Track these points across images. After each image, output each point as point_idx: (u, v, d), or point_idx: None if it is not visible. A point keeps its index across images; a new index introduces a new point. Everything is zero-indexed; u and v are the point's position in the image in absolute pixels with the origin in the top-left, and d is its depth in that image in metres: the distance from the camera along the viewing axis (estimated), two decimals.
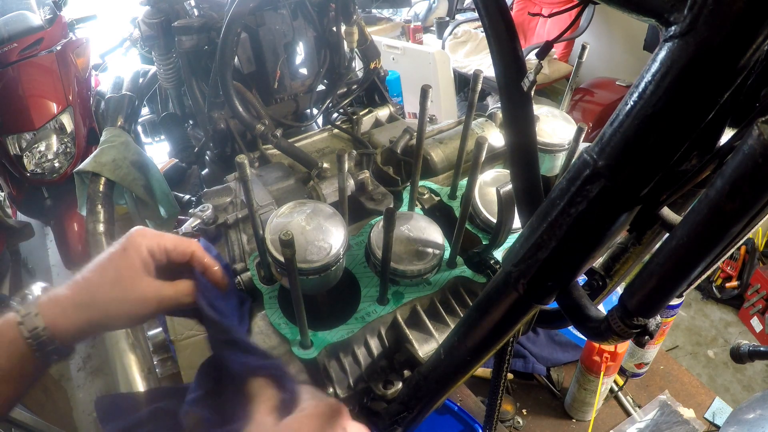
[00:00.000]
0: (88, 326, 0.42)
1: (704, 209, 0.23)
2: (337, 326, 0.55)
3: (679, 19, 0.21)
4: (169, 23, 1.10)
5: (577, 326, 0.34)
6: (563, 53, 2.97)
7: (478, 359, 0.44)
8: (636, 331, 0.30)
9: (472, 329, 0.42)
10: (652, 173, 0.26)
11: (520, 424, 0.99)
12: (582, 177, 0.28)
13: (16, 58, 1.83)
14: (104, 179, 1.05)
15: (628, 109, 0.24)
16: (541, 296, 0.34)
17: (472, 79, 0.58)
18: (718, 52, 0.21)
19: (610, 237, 0.30)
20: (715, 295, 2.18)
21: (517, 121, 0.37)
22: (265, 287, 0.58)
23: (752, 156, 0.20)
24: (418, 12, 3.54)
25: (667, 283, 0.27)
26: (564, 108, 0.75)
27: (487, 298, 0.39)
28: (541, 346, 1.12)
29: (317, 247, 0.50)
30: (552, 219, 0.30)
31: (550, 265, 0.32)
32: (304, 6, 1.09)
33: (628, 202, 0.27)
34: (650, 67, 0.23)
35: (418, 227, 0.60)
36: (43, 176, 1.83)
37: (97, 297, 0.42)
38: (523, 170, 0.39)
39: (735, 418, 0.70)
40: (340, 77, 1.18)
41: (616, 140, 0.26)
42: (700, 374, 1.91)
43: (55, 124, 1.85)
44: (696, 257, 0.25)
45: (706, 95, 0.22)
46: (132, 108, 1.23)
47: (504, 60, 0.36)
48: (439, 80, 2.33)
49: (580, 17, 0.63)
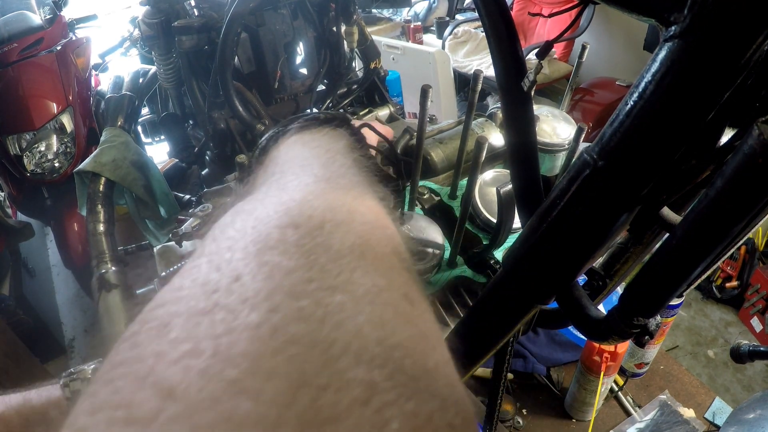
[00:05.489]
0: None
1: (704, 209, 0.23)
2: None
3: (679, 19, 0.21)
4: (169, 23, 1.10)
5: (577, 326, 0.34)
6: (563, 53, 2.97)
7: (478, 359, 0.44)
8: (636, 331, 0.30)
9: (471, 329, 0.42)
10: (652, 173, 0.26)
11: (520, 424, 0.99)
12: (582, 177, 0.28)
13: (16, 58, 1.83)
14: (104, 179, 1.05)
15: (628, 109, 0.24)
16: (541, 296, 0.34)
17: (472, 79, 0.58)
18: (718, 52, 0.21)
19: (610, 237, 0.30)
20: (715, 295, 2.18)
21: (517, 121, 0.37)
22: None
23: (752, 156, 0.20)
24: (418, 12, 3.54)
25: (667, 283, 0.27)
26: (564, 108, 0.75)
27: (488, 298, 0.39)
28: (541, 346, 1.12)
29: None
30: (552, 219, 0.30)
31: (550, 265, 0.32)
32: (304, 6, 1.09)
33: (628, 202, 0.27)
34: (650, 67, 0.23)
35: (418, 227, 0.60)
36: (43, 176, 1.83)
37: None
38: (523, 170, 0.39)
39: (735, 418, 0.70)
40: (340, 77, 1.18)
41: (616, 140, 0.25)
42: (700, 374, 1.91)
43: (55, 124, 1.85)
44: (696, 257, 0.25)
45: (706, 95, 0.22)
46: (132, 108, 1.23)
47: (504, 60, 0.36)
48: (439, 80, 2.33)
49: (580, 17, 0.63)
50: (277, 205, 0.21)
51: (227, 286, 0.16)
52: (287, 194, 0.23)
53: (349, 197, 0.24)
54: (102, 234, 1.01)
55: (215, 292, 0.16)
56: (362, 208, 0.23)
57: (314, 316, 0.15)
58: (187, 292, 0.16)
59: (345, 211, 0.22)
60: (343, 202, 0.23)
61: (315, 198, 0.22)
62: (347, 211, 0.22)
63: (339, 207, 0.22)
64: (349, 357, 0.14)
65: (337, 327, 0.15)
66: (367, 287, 0.17)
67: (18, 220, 2.14)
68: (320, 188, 0.24)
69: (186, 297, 0.16)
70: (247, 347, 0.14)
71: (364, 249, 0.20)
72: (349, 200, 0.23)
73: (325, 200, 0.22)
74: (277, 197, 0.22)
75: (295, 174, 0.27)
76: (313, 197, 0.22)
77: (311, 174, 0.27)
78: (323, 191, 0.24)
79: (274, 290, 0.16)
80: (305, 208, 0.21)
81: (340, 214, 0.21)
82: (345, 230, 0.20)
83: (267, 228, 0.19)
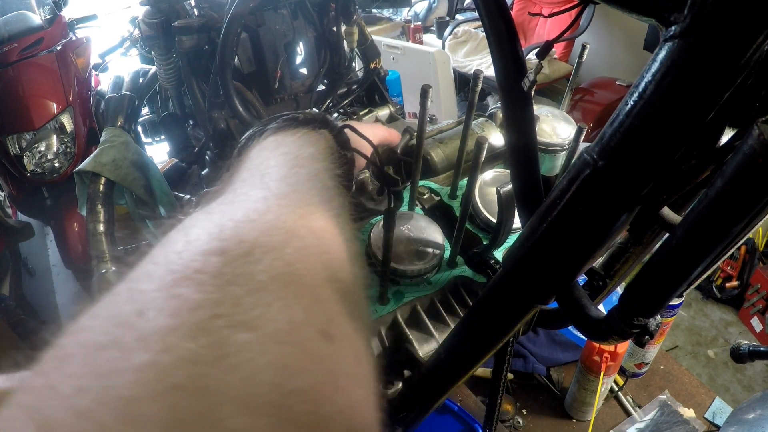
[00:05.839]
0: None
1: (704, 209, 0.23)
2: None
3: (679, 19, 0.21)
4: (169, 23, 1.10)
5: (577, 326, 0.34)
6: (563, 53, 2.97)
7: (478, 359, 0.44)
8: (636, 331, 0.30)
9: (472, 329, 0.42)
10: (652, 173, 0.26)
11: (520, 424, 0.99)
12: (582, 177, 0.28)
13: (16, 58, 1.83)
14: (104, 179, 1.05)
15: (628, 109, 0.24)
16: (541, 296, 0.34)
17: (472, 79, 0.58)
18: (718, 52, 0.21)
19: (610, 237, 0.30)
20: (715, 295, 2.18)
21: (517, 121, 0.37)
22: None
23: (752, 156, 0.20)
24: (418, 12, 3.54)
25: (667, 283, 0.27)
26: (564, 108, 0.75)
27: (488, 298, 0.39)
28: (541, 346, 1.12)
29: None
30: (552, 219, 0.30)
31: (550, 265, 0.32)
32: (304, 6, 1.09)
33: (628, 202, 0.27)
34: (650, 67, 0.23)
35: (418, 227, 0.60)
36: (43, 176, 1.83)
37: None
38: (523, 170, 0.39)
39: (735, 418, 0.70)
40: (340, 77, 1.18)
41: (616, 140, 0.25)
42: (700, 374, 1.91)
43: (55, 124, 1.85)
44: (696, 257, 0.25)
45: (706, 95, 0.22)
46: (132, 108, 1.23)
47: (504, 60, 0.36)
48: (439, 80, 2.33)
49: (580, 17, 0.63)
50: (215, 224, 0.21)
51: (130, 322, 0.16)
52: (230, 212, 0.22)
53: (294, 216, 0.23)
54: (102, 234, 1.01)
55: (118, 326, 0.15)
56: (303, 230, 0.23)
57: (208, 358, 0.14)
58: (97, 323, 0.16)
59: (282, 234, 0.21)
60: (285, 222, 0.22)
61: (257, 217, 0.22)
62: (285, 234, 0.21)
63: (277, 229, 0.22)
64: (234, 404, 0.14)
65: (231, 371, 0.14)
66: (280, 324, 0.17)
67: (18, 220, 2.14)
68: (267, 206, 0.24)
69: (93, 328, 0.16)
70: (128, 391, 0.13)
71: (289, 279, 0.19)
72: (292, 220, 0.23)
73: (265, 221, 0.22)
74: (220, 214, 0.22)
75: (252, 185, 0.27)
76: (256, 216, 0.22)
77: (265, 188, 0.26)
78: (268, 209, 0.23)
79: (173, 329, 0.15)
80: (241, 230, 0.21)
81: (276, 238, 0.21)
82: (274, 257, 0.20)
83: (191, 254, 0.19)
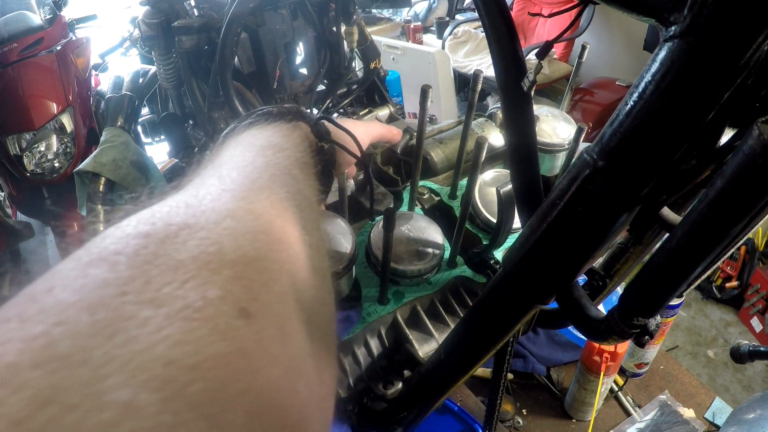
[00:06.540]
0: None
1: (704, 209, 0.23)
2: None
3: (679, 19, 0.21)
4: (169, 23, 1.10)
5: (577, 326, 0.34)
6: (563, 53, 2.97)
7: (478, 359, 0.44)
8: (636, 331, 0.30)
9: (472, 329, 0.42)
10: (652, 173, 0.26)
11: (520, 424, 0.99)
12: (582, 177, 0.28)
13: (16, 58, 1.83)
14: (104, 179, 1.05)
15: (628, 109, 0.24)
16: (541, 296, 0.34)
17: (472, 79, 0.58)
18: (718, 52, 0.21)
19: (610, 237, 0.30)
20: (715, 295, 2.19)
21: (517, 121, 0.37)
22: None
23: (752, 156, 0.20)
24: (418, 12, 3.54)
25: (667, 283, 0.27)
26: (564, 108, 0.75)
27: (488, 298, 0.39)
28: (541, 346, 1.12)
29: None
30: (552, 219, 0.30)
31: (550, 265, 0.32)
32: (304, 6, 1.09)
33: (628, 202, 0.27)
34: (650, 67, 0.23)
35: (418, 227, 0.60)
36: (43, 176, 1.83)
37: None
38: (523, 170, 0.39)
39: (735, 418, 0.70)
40: (340, 77, 1.18)
41: (616, 140, 0.25)
42: (700, 374, 1.91)
43: (55, 124, 1.85)
44: (696, 257, 0.25)
45: (706, 95, 0.22)
46: (132, 108, 1.23)
47: (504, 60, 0.36)
48: (439, 80, 2.33)
49: (580, 17, 0.63)
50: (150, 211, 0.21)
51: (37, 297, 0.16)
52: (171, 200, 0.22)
53: (235, 200, 0.23)
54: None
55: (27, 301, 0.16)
56: (240, 211, 0.22)
57: (103, 331, 0.14)
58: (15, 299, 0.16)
59: (216, 215, 0.21)
60: (224, 205, 0.22)
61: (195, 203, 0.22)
62: (219, 215, 0.21)
63: (212, 211, 0.21)
64: (120, 377, 0.13)
65: (124, 344, 0.14)
66: (190, 301, 0.16)
67: (18, 220, 2.13)
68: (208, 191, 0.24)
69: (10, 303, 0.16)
70: (13, 358, 0.13)
71: (212, 258, 0.18)
72: (232, 203, 0.23)
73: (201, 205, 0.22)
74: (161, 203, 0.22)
75: (208, 176, 0.27)
76: (195, 201, 0.22)
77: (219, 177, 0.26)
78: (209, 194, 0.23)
79: (72, 303, 0.15)
80: (173, 213, 0.20)
81: (208, 219, 0.21)
82: (202, 237, 0.19)
83: (114, 238, 0.19)
